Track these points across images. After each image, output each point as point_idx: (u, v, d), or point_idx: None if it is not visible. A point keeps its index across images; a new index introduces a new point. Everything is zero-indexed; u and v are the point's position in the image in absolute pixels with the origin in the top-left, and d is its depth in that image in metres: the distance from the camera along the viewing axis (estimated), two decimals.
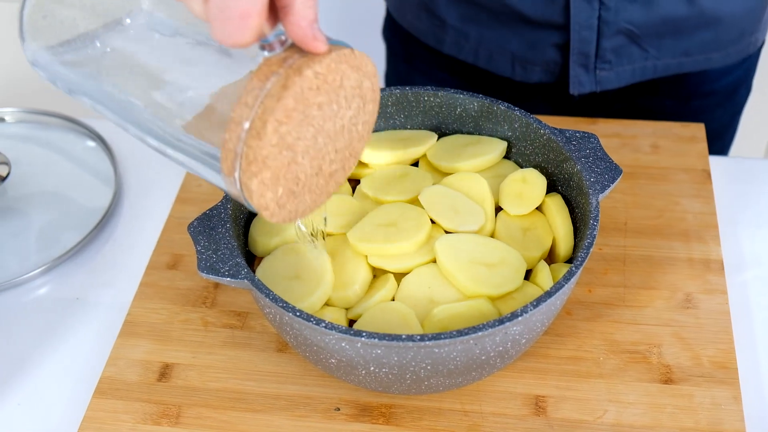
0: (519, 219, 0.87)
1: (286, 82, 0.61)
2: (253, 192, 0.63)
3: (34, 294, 0.98)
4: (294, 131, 0.63)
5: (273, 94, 0.61)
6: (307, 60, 0.62)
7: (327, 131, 0.66)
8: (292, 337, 0.78)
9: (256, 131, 0.61)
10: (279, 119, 0.61)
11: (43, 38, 0.72)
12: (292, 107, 0.62)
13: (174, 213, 1.03)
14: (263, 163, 0.62)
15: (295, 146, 0.64)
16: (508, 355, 0.78)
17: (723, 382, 0.86)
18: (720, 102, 1.24)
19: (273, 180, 0.64)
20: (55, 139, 1.14)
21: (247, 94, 0.61)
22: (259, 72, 0.62)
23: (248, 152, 0.61)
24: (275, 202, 0.65)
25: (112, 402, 0.86)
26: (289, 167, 0.65)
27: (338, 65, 0.64)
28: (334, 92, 0.65)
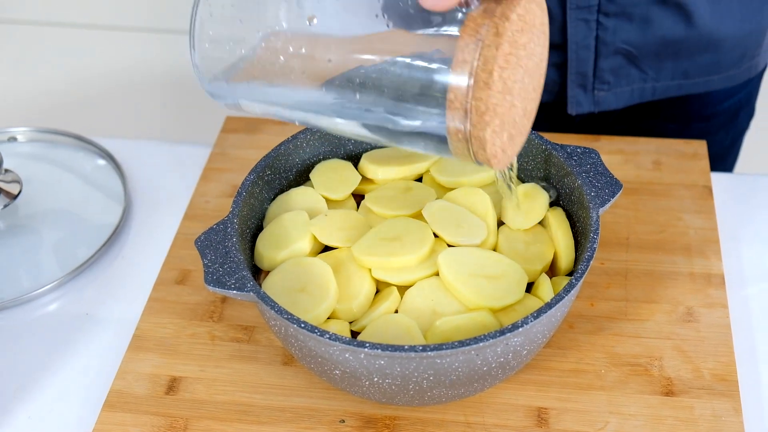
0: (521, 233, 0.88)
1: (498, 30, 0.63)
2: (487, 142, 0.65)
3: (44, 310, 0.99)
4: (512, 75, 0.65)
5: (489, 43, 0.63)
6: (505, 5, 0.64)
7: (530, 70, 0.69)
8: (297, 349, 0.79)
9: (483, 81, 0.63)
10: (501, 65, 0.63)
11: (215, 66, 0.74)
12: (508, 51, 0.64)
13: (182, 229, 1.05)
14: (494, 112, 0.64)
15: (513, 89, 0.66)
16: (509, 367, 0.79)
17: (723, 394, 0.86)
18: (722, 125, 1.24)
19: (501, 126, 0.66)
20: (65, 158, 1.16)
21: (462, 51, 0.63)
22: (466, 27, 0.64)
23: (478, 104, 0.63)
24: (501, 149, 0.68)
25: (121, 415, 0.87)
26: (509, 111, 0.67)
27: (529, 4, 0.66)
28: (530, 31, 0.67)
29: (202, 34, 0.72)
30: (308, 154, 0.95)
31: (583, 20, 1.09)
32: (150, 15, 2.15)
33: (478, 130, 0.65)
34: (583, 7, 1.09)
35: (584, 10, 1.09)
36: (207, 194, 1.09)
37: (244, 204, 0.88)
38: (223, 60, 0.73)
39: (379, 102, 0.69)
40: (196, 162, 1.14)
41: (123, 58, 2.19)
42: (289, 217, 0.89)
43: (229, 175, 1.11)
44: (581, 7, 1.08)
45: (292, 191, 0.93)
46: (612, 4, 1.08)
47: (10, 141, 1.18)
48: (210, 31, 0.72)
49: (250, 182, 0.89)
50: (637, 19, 1.09)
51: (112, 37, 2.18)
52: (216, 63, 0.74)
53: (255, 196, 0.90)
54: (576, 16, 1.09)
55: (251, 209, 0.90)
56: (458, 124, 0.65)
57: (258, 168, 0.90)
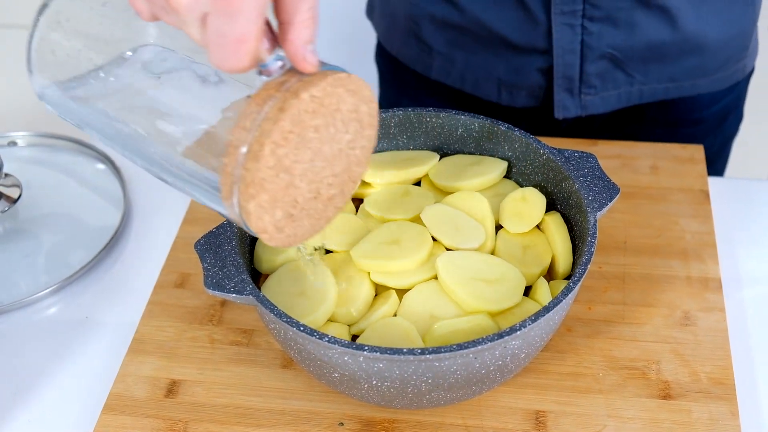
0: (519, 237, 0.89)
1: (283, 105, 0.62)
2: (251, 214, 0.63)
3: (44, 313, 1.00)
4: (291, 154, 0.64)
5: (270, 117, 0.62)
6: (304, 83, 0.63)
7: (324, 155, 0.67)
8: (296, 352, 0.79)
9: (254, 154, 0.61)
10: (276, 141, 0.62)
11: (51, 73, 0.73)
12: (288, 129, 0.62)
13: (181, 233, 1.05)
14: (261, 186, 0.63)
15: (292, 169, 0.64)
16: (507, 370, 0.79)
17: (720, 397, 0.87)
18: (710, 129, 1.25)
19: (270, 203, 0.64)
20: (65, 162, 1.16)
21: (245, 118, 0.62)
22: (256, 96, 0.63)
23: (246, 175, 0.62)
24: (273, 225, 0.66)
25: (121, 418, 0.88)
26: (286, 190, 0.65)
27: (335, 89, 0.64)
28: (330, 115, 0.65)
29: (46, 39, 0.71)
30: None
31: (568, 25, 1.10)
32: None
33: (243, 200, 0.63)
34: (567, 12, 1.09)
35: (569, 15, 1.09)
36: None
37: None
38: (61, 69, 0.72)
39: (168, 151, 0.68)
40: None
41: None
42: None
43: None
44: (566, 12, 1.09)
45: None
46: (596, 9, 1.09)
47: (10, 145, 1.18)
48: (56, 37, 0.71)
49: None
50: (622, 23, 1.10)
51: None
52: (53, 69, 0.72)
53: None
54: (561, 21, 1.10)
55: None
56: (227, 189, 0.63)
57: None
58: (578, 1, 1.08)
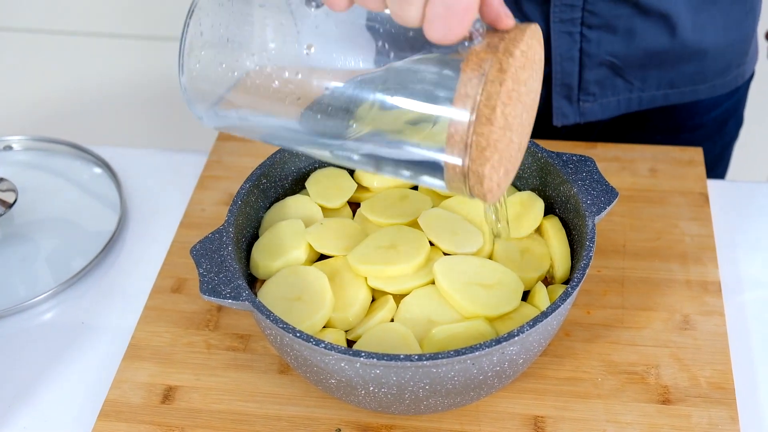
0: (517, 241, 0.88)
1: (502, 65, 0.63)
2: (485, 177, 0.65)
3: (40, 319, 0.99)
4: (513, 111, 0.65)
5: (493, 78, 0.63)
6: (509, 41, 0.64)
7: (527, 105, 0.69)
8: (293, 358, 0.79)
9: (486, 117, 0.63)
10: (504, 101, 0.63)
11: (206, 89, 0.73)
12: (511, 88, 0.64)
13: (178, 238, 1.05)
14: (494, 147, 0.64)
15: (512, 125, 0.66)
16: (505, 375, 0.79)
17: (720, 402, 0.86)
18: (710, 135, 1.24)
19: (499, 162, 0.66)
20: (61, 166, 1.16)
21: (464, 85, 0.63)
22: (469, 62, 0.64)
23: (479, 140, 0.63)
24: (497, 183, 0.67)
25: (117, 424, 0.87)
26: (508, 147, 0.67)
27: (531, 41, 0.66)
28: (531, 67, 0.67)
29: (191, 54, 0.71)
30: (304, 163, 0.95)
31: (567, 33, 1.09)
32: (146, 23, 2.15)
33: (477, 165, 0.64)
34: (566, 20, 1.08)
35: (567, 23, 1.09)
36: (203, 202, 1.09)
37: (240, 212, 0.87)
38: (211, 83, 0.72)
39: (376, 132, 0.68)
40: (192, 170, 1.14)
41: (119, 66, 2.19)
42: (285, 225, 0.89)
43: (225, 183, 1.11)
44: (564, 20, 1.08)
45: (287, 199, 0.93)
46: (595, 17, 1.08)
47: (6, 150, 1.18)
48: (200, 51, 0.71)
49: (245, 191, 0.89)
50: (621, 30, 1.09)
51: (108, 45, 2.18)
52: (204, 86, 0.73)
53: (251, 205, 0.90)
54: (559, 29, 1.09)
55: (247, 218, 0.89)
56: (456, 158, 0.64)
57: (254, 176, 0.90)
58: (577, 9, 1.07)
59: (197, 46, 0.71)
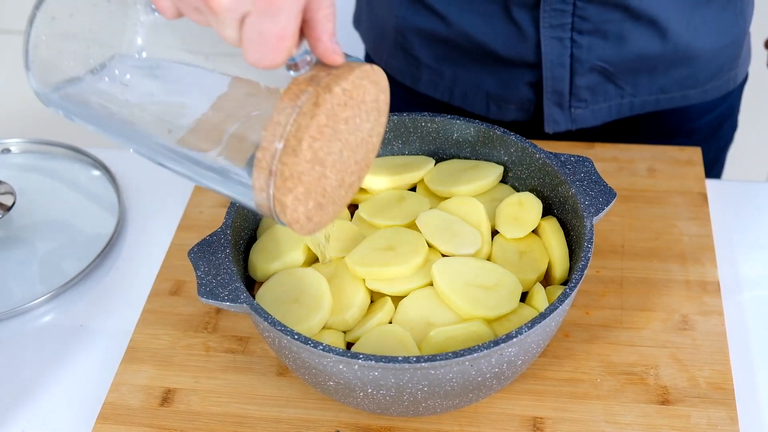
0: (515, 242, 0.88)
1: (317, 100, 0.63)
2: (287, 207, 0.65)
3: (38, 321, 0.99)
4: (325, 146, 0.65)
5: (306, 111, 0.63)
6: (333, 77, 0.64)
7: (350, 144, 0.68)
8: (291, 361, 0.79)
9: (292, 148, 0.63)
10: (313, 135, 0.63)
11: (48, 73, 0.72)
12: (324, 123, 0.64)
13: (176, 240, 1.04)
14: (298, 179, 0.64)
15: (325, 161, 0.66)
16: (504, 377, 0.79)
17: (719, 402, 0.86)
18: (704, 139, 1.23)
19: (305, 194, 0.66)
20: (59, 169, 1.16)
21: (279, 113, 0.63)
22: (288, 91, 0.64)
23: (283, 169, 0.63)
24: (305, 216, 0.67)
25: (115, 427, 0.87)
26: (319, 181, 0.67)
27: (361, 81, 0.66)
28: (357, 107, 0.67)
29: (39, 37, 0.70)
30: None
31: (557, 38, 1.09)
32: None
33: (280, 194, 0.64)
34: (556, 26, 1.08)
35: (558, 29, 1.08)
36: (201, 205, 1.09)
37: (238, 215, 0.87)
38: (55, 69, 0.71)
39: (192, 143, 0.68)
40: None
41: None
42: (283, 227, 0.89)
43: None
44: (554, 25, 1.08)
45: None
46: (585, 22, 1.08)
47: (4, 152, 1.18)
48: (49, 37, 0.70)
49: None
50: (612, 36, 1.09)
51: None
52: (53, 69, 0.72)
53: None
54: (550, 35, 1.09)
55: (245, 220, 0.89)
56: (263, 183, 0.64)
57: None
58: (567, 14, 1.07)
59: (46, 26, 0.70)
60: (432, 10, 1.13)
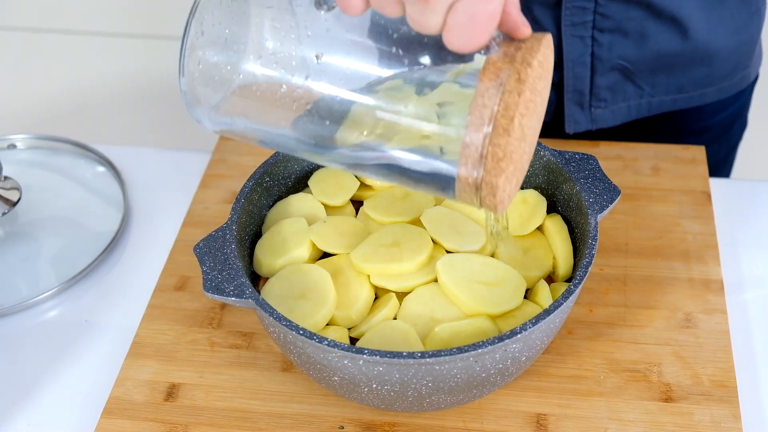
0: (519, 239, 0.88)
1: (520, 76, 0.63)
2: (498, 188, 0.64)
3: (43, 317, 0.99)
4: (528, 121, 0.65)
5: (511, 89, 0.62)
6: (527, 51, 0.64)
7: (539, 112, 0.68)
8: (296, 356, 0.79)
9: (503, 128, 0.62)
10: (522, 112, 0.63)
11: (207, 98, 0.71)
12: (528, 98, 0.63)
13: (181, 236, 1.05)
14: (510, 158, 0.64)
15: (527, 135, 0.66)
16: (508, 373, 0.79)
17: (722, 400, 0.86)
18: (715, 138, 1.24)
19: (513, 172, 0.66)
20: (65, 165, 1.16)
21: (481, 96, 0.62)
22: (486, 72, 0.63)
23: (495, 151, 0.62)
24: (508, 194, 0.67)
25: (120, 422, 0.87)
26: (522, 157, 0.66)
27: (546, 50, 0.66)
28: (546, 77, 0.67)
29: (191, 55, 0.69)
30: (307, 161, 0.95)
31: (579, 37, 1.09)
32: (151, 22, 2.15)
33: (491, 177, 0.63)
34: (577, 24, 1.08)
35: (579, 27, 1.08)
36: (206, 201, 1.09)
37: (243, 211, 0.88)
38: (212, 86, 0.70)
39: (387, 142, 0.67)
40: (196, 169, 1.15)
41: (123, 64, 2.19)
42: (288, 223, 0.89)
43: (228, 182, 1.11)
44: (576, 23, 1.08)
45: (290, 198, 0.93)
46: (607, 20, 1.08)
47: (10, 148, 1.18)
48: (201, 52, 0.69)
49: (248, 189, 0.89)
50: (633, 34, 1.09)
51: (111, 44, 2.19)
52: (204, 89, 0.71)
53: (254, 203, 0.90)
54: (571, 33, 1.09)
55: (250, 216, 0.90)
56: (470, 169, 0.63)
57: (257, 175, 0.90)
58: (588, 12, 1.07)
59: (198, 46, 0.69)
60: None
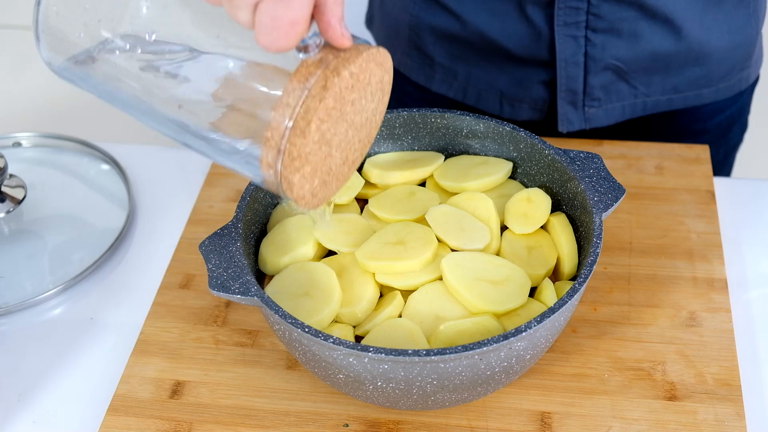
0: (524, 238, 0.88)
1: (326, 83, 0.64)
2: (294, 185, 0.67)
3: (49, 314, 1.00)
4: (332, 128, 0.67)
5: (314, 94, 0.64)
6: (342, 60, 0.65)
7: (355, 124, 0.70)
8: (301, 354, 0.79)
9: (300, 130, 0.64)
10: (321, 118, 0.65)
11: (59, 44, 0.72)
12: (331, 106, 0.65)
13: (186, 234, 1.05)
14: (306, 159, 0.66)
15: (331, 141, 0.68)
16: (513, 371, 0.79)
17: (726, 399, 0.87)
18: (714, 140, 1.23)
19: (312, 173, 0.67)
20: (70, 163, 1.16)
21: (288, 95, 0.64)
22: (297, 73, 0.65)
23: (292, 149, 0.65)
24: (311, 192, 0.69)
25: (125, 419, 0.88)
26: (324, 160, 0.68)
27: (368, 64, 0.67)
28: (363, 89, 0.68)
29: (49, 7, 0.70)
30: None
31: (572, 37, 1.09)
32: None
33: (287, 173, 0.66)
34: (570, 24, 1.08)
35: (572, 27, 1.09)
36: (211, 199, 1.09)
37: (248, 209, 0.88)
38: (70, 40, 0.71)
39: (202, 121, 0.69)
40: (200, 167, 1.15)
41: None
42: (293, 221, 0.89)
43: (233, 180, 1.11)
44: (569, 23, 1.08)
45: None
46: (600, 20, 1.08)
47: (15, 146, 1.18)
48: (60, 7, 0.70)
49: (254, 187, 0.89)
50: (626, 34, 1.09)
51: None
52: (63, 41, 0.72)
53: (259, 201, 0.91)
54: (564, 33, 1.09)
55: (255, 214, 0.90)
56: (270, 161, 0.66)
57: None
58: (581, 12, 1.07)
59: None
60: (446, 8, 1.13)
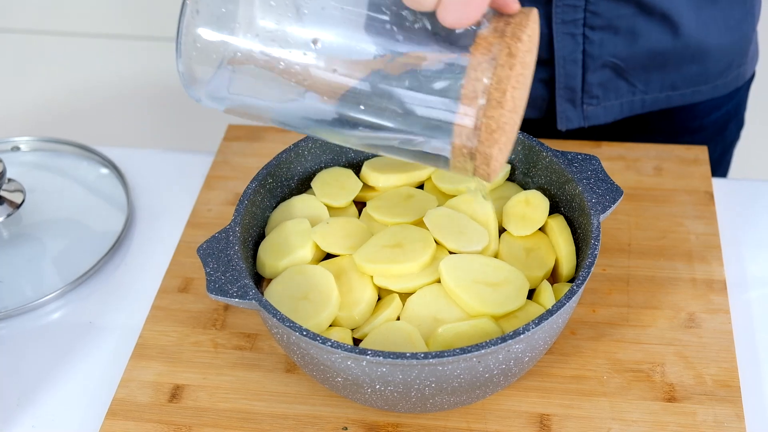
0: (522, 240, 0.88)
1: (511, 50, 0.65)
2: (492, 158, 0.67)
3: (48, 318, 1.00)
4: (519, 93, 0.67)
5: (503, 63, 0.64)
6: (516, 26, 0.66)
7: (527, 84, 0.70)
8: (300, 357, 0.79)
9: (497, 101, 0.64)
10: (513, 85, 0.65)
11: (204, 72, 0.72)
12: (519, 72, 0.65)
13: (185, 237, 1.05)
14: (503, 130, 0.66)
15: (518, 107, 0.68)
16: (511, 373, 0.79)
17: (725, 400, 0.86)
18: (710, 137, 1.24)
19: (505, 143, 0.68)
20: (68, 167, 1.16)
21: (474, 69, 0.65)
22: (477, 47, 0.65)
23: (489, 123, 0.65)
24: (500, 164, 0.69)
25: (124, 423, 0.88)
26: (513, 128, 0.69)
27: (534, 24, 0.68)
28: (534, 49, 0.69)
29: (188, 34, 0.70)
30: (310, 162, 0.96)
31: (570, 34, 1.09)
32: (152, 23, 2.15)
33: (485, 147, 0.66)
34: (568, 22, 1.09)
35: (570, 24, 1.09)
36: (209, 202, 1.09)
37: (246, 212, 0.88)
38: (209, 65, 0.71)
39: (383, 115, 0.69)
40: (199, 170, 1.15)
41: (126, 66, 2.20)
42: (291, 224, 0.89)
43: (232, 183, 1.11)
44: (567, 21, 1.08)
45: (293, 199, 0.93)
46: (597, 18, 1.08)
47: (14, 150, 1.18)
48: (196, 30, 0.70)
49: (252, 190, 0.89)
50: (624, 31, 1.09)
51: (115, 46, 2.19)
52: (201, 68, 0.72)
53: (257, 204, 0.91)
54: (562, 31, 1.09)
55: (253, 217, 0.90)
56: (465, 140, 0.66)
57: (260, 176, 0.91)
58: (579, 10, 1.07)
59: (194, 25, 0.70)
60: None
